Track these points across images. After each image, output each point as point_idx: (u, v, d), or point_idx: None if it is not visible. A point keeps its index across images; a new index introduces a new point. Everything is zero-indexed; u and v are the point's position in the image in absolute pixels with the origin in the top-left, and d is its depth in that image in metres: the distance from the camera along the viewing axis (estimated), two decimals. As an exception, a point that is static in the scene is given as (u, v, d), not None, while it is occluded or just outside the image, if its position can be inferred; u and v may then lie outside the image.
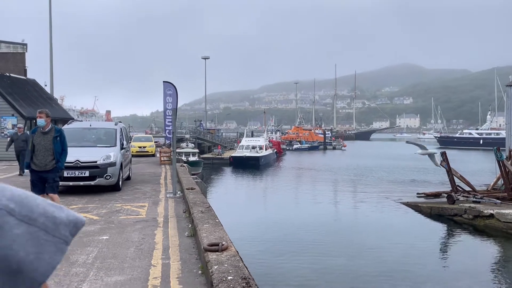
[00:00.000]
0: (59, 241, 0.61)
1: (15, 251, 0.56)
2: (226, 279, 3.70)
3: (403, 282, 10.70)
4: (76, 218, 0.65)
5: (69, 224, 0.63)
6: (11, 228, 0.57)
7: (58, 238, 0.61)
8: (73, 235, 0.64)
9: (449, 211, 17.80)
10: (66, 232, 0.63)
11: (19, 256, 0.57)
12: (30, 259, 0.58)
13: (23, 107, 22.60)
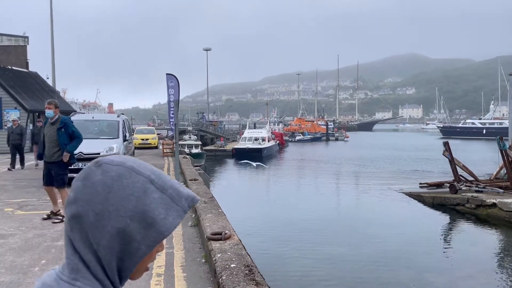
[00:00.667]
0: (180, 209, 0.82)
1: (152, 210, 0.79)
2: (229, 267, 3.74)
3: (406, 270, 10.75)
4: (194, 196, 0.86)
5: (188, 198, 0.84)
6: (151, 192, 0.80)
7: (180, 207, 0.82)
8: (190, 207, 0.85)
9: (451, 201, 17.79)
10: (185, 204, 0.83)
11: (153, 214, 0.79)
12: (160, 217, 0.79)
13: (26, 100, 22.65)
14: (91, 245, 0.78)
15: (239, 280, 3.44)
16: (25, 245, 5.30)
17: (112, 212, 0.78)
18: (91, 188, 0.80)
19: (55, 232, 5.96)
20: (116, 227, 0.78)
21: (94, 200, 0.79)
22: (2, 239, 5.62)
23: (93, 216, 0.78)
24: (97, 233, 0.78)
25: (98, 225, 0.78)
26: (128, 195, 0.79)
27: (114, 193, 0.79)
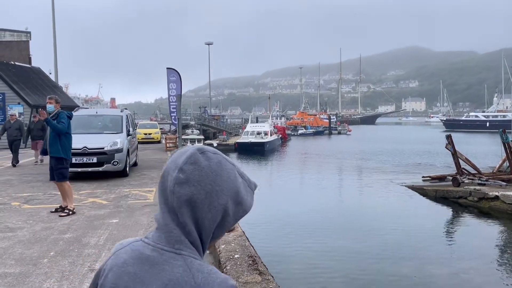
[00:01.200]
0: (251, 191, 1.05)
1: (241, 191, 1.00)
2: (233, 257, 3.83)
3: (408, 262, 10.83)
4: (255, 182, 1.10)
5: (253, 183, 1.08)
6: (238, 177, 1.01)
7: (251, 190, 1.06)
8: (254, 190, 1.08)
9: (454, 194, 17.81)
10: (254, 188, 1.07)
11: (242, 194, 1.00)
12: (245, 198, 1.01)
13: (29, 95, 22.77)
14: (197, 219, 0.95)
15: (243, 269, 3.53)
16: (33, 238, 5.41)
17: (219, 191, 0.97)
18: (201, 171, 0.96)
19: (62, 225, 6.08)
20: (221, 203, 0.97)
21: (205, 181, 0.96)
22: (11, 232, 5.73)
23: (204, 195, 0.95)
24: (205, 209, 0.95)
25: (207, 202, 0.95)
26: (228, 178, 0.99)
27: (219, 176, 0.98)
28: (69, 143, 6.94)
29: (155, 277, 0.93)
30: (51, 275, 4.12)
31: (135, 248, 0.98)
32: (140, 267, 0.96)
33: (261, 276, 3.37)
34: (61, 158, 6.78)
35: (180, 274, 0.92)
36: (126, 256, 0.98)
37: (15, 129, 13.83)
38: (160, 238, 0.96)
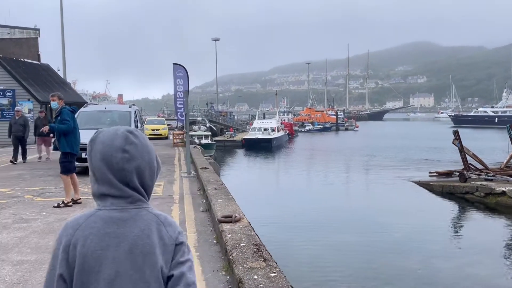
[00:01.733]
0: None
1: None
2: (239, 246, 3.99)
3: (414, 257, 10.91)
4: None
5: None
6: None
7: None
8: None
9: (460, 189, 17.82)
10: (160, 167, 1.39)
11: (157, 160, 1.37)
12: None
13: (39, 92, 23.08)
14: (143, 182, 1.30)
15: (248, 256, 3.68)
16: (47, 228, 5.62)
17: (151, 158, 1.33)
18: (137, 148, 1.31)
19: (74, 216, 6.29)
20: (154, 165, 1.33)
21: (143, 154, 1.31)
22: (25, 223, 5.95)
23: (145, 164, 1.31)
24: (147, 173, 1.31)
25: (148, 168, 1.31)
26: (151, 146, 1.35)
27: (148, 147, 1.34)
28: (75, 138, 7.10)
29: (132, 227, 1.25)
30: (65, 262, 4.31)
31: (103, 216, 1.26)
32: (116, 226, 1.25)
33: (265, 262, 3.52)
34: (67, 153, 6.98)
35: (148, 219, 1.28)
36: (99, 223, 1.25)
37: (20, 125, 13.59)
38: (120, 202, 1.28)
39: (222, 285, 3.71)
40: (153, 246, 1.26)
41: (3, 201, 7.51)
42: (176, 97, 21.18)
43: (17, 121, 13.60)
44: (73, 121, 7.11)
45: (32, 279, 3.91)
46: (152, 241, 1.26)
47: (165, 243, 1.28)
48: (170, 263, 1.29)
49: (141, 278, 1.24)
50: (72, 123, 7.05)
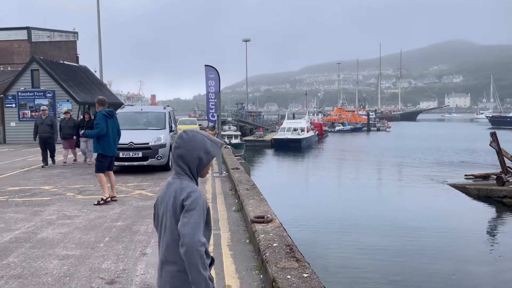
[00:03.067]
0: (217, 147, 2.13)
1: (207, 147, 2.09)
2: (271, 246, 4.10)
3: (447, 262, 10.71)
4: (221, 142, 2.18)
5: (219, 143, 2.14)
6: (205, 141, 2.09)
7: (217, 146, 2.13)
8: (221, 146, 2.18)
9: (497, 193, 17.30)
10: (219, 145, 2.14)
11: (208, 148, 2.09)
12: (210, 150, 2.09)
13: (77, 93, 23.98)
14: (187, 163, 2.05)
15: (281, 257, 3.78)
16: (89, 225, 5.91)
17: (192, 149, 2.05)
18: (183, 141, 2.07)
19: (114, 214, 6.57)
20: (195, 154, 2.05)
21: (185, 145, 2.06)
22: (69, 219, 6.28)
23: (186, 152, 2.05)
24: (188, 158, 2.05)
25: (188, 155, 2.05)
26: (197, 141, 2.06)
27: (192, 141, 2.06)
28: (108, 140, 7.46)
29: (171, 187, 2.05)
30: (107, 258, 4.55)
31: (168, 180, 2.12)
32: (166, 188, 2.08)
33: (298, 262, 3.61)
34: (98, 154, 7.52)
35: (178, 184, 2.04)
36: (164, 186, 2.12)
37: (47, 125, 12.53)
38: (174, 174, 2.09)
39: (256, 283, 3.82)
40: (175, 204, 1.99)
41: (47, 198, 7.93)
42: (208, 98, 21.56)
43: (44, 121, 12.61)
44: (105, 125, 7.43)
45: (78, 272, 4.15)
46: (175, 201, 2.00)
47: (179, 203, 1.98)
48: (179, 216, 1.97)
49: (172, 224, 1.99)
50: (104, 126, 7.39)
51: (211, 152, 2.07)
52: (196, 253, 1.85)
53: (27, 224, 6.04)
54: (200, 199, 1.97)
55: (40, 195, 8.21)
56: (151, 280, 3.92)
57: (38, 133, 12.56)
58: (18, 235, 5.47)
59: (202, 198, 1.99)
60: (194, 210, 1.93)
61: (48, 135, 12.48)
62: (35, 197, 8.04)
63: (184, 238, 1.86)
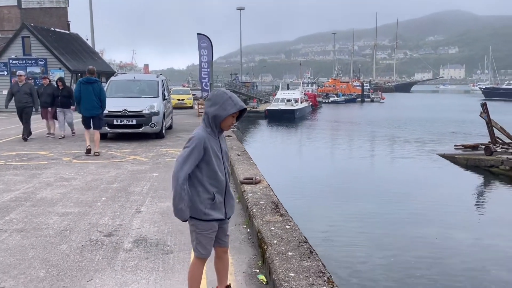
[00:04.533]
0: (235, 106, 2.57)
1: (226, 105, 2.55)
2: (258, 203, 4.38)
3: (433, 227, 11.06)
4: (241, 105, 2.60)
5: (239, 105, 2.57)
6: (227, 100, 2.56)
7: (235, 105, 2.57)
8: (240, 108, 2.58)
9: (485, 162, 17.69)
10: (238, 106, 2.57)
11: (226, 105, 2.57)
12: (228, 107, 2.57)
13: (69, 61, 23.78)
14: (206, 113, 2.58)
15: (267, 212, 4.07)
16: (86, 186, 6.17)
17: (214, 103, 2.54)
18: (212, 96, 2.60)
19: (110, 177, 6.82)
20: (215, 108, 2.54)
21: (212, 99, 2.58)
22: (66, 181, 6.52)
23: (209, 104, 2.57)
24: (209, 109, 2.56)
25: (210, 107, 2.56)
26: (220, 99, 2.55)
27: (217, 98, 2.56)
28: (83, 103, 9.01)
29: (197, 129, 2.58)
30: (105, 214, 4.83)
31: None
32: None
33: (281, 217, 3.89)
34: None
35: (200, 127, 2.59)
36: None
37: (25, 94, 11.06)
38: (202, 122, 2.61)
39: (243, 236, 4.12)
40: None
41: (43, 162, 8.15)
42: (201, 67, 21.50)
43: (21, 89, 11.11)
44: (79, 90, 8.97)
45: (77, 227, 4.42)
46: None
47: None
48: None
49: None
50: (76, 91, 9.10)
51: (227, 109, 2.51)
52: (173, 178, 2.44)
53: (26, 185, 6.29)
54: (196, 141, 2.49)
55: (37, 159, 8.43)
56: (146, 233, 4.21)
57: (15, 102, 11.23)
58: (18, 195, 5.73)
59: (199, 140, 2.49)
60: (187, 148, 2.48)
61: (24, 105, 11.11)
62: (32, 161, 8.26)
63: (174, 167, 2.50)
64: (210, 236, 2.58)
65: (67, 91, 11.91)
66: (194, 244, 2.61)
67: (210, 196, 2.51)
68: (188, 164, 2.42)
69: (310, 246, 3.19)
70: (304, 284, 2.56)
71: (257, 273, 3.27)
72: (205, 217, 2.51)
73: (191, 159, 2.43)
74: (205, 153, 2.49)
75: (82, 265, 3.46)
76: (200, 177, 2.51)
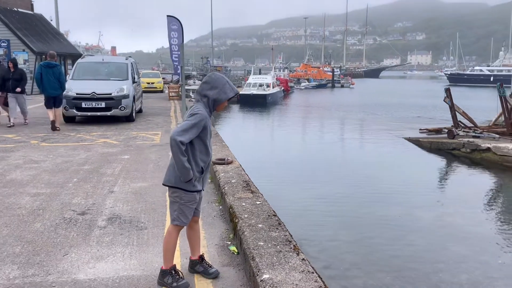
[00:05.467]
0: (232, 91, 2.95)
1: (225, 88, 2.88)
2: (230, 182, 4.54)
3: (396, 207, 11.51)
4: (237, 91, 2.92)
5: (235, 91, 2.93)
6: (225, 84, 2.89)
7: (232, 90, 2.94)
8: (236, 93, 2.91)
9: (448, 145, 18.37)
10: (234, 90, 2.92)
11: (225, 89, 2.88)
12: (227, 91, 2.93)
13: (34, 43, 22.95)
14: (207, 96, 2.83)
15: (238, 189, 4.24)
16: (56, 168, 6.15)
17: (213, 86, 2.81)
18: (209, 79, 2.88)
19: (80, 159, 6.81)
20: (216, 92, 2.82)
21: (210, 82, 2.85)
22: (36, 163, 6.47)
23: (209, 87, 2.84)
24: (210, 92, 2.82)
25: (211, 89, 2.82)
26: (219, 82, 2.83)
27: (215, 81, 2.83)
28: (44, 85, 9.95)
29: (190, 109, 2.81)
30: (77, 195, 4.87)
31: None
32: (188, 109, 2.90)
33: (252, 194, 4.08)
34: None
35: (193, 106, 2.83)
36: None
37: None
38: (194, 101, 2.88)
39: (215, 212, 4.29)
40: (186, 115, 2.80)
41: (11, 145, 8.01)
42: (171, 50, 21.21)
43: None
44: (39, 72, 9.88)
45: (50, 206, 4.46)
46: (186, 115, 2.80)
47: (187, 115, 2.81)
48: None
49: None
50: (37, 74, 10.05)
51: (227, 93, 2.80)
52: (173, 142, 2.64)
53: (-6, 168, 6.21)
54: (200, 117, 2.73)
55: (3, 142, 8.27)
56: (120, 212, 4.30)
57: None
58: (-14, 178, 5.66)
59: (202, 118, 2.75)
60: (189, 121, 2.71)
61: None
62: (-1, 144, 8.10)
63: (172, 132, 2.70)
64: (192, 206, 2.87)
65: (19, 73, 10.71)
66: (176, 214, 2.84)
67: (199, 170, 2.80)
68: (188, 134, 2.68)
69: (278, 219, 3.38)
70: (272, 252, 2.76)
71: (228, 245, 3.45)
72: (193, 188, 2.78)
73: (191, 132, 2.68)
74: (203, 131, 2.75)
75: (57, 241, 3.54)
76: (193, 151, 2.78)
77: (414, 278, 7.23)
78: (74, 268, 3.10)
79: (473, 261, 7.92)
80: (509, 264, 7.77)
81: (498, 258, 8.10)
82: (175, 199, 2.84)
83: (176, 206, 2.84)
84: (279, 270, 2.54)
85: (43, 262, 3.18)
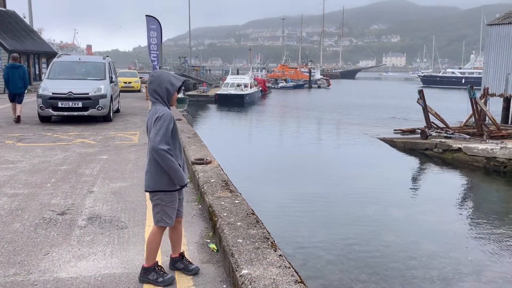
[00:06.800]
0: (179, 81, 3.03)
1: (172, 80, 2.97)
2: (209, 181, 4.64)
3: (370, 206, 11.83)
4: (182, 79, 3.08)
5: (181, 80, 3.03)
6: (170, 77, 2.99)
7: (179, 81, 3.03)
8: (183, 82, 3.06)
9: (421, 146, 18.92)
10: (180, 80, 3.04)
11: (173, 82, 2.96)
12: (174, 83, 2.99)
13: (6, 40, 22.36)
14: (158, 93, 2.91)
15: (217, 189, 4.34)
16: (34, 168, 6.10)
17: (160, 83, 2.91)
18: (153, 77, 2.97)
19: (58, 159, 6.76)
20: (164, 86, 2.91)
21: (155, 80, 2.94)
22: (12, 164, 6.40)
23: (156, 85, 2.92)
24: (158, 89, 2.92)
25: (158, 87, 2.91)
26: (163, 77, 2.93)
27: (159, 78, 2.93)
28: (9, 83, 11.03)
29: (151, 112, 2.88)
30: (56, 195, 4.87)
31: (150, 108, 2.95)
32: (149, 112, 2.91)
33: (231, 193, 4.19)
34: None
35: (154, 109, 2.88)
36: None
37: None
38: (152, 104, 2.93)
39: (194, 211, 4.38)
40: (151, 122, 2.82)
41: (-16, 145, 7.86)
42: (150, 50, 21.07)
43: None
44: (6, 73, 10.92)
45: (29, 207, 4.46)
46: (152, 119, 2.82)
47: (153, 121, 2.80)
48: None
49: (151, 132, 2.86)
50: (4, 75, 11.00)
51: (175, 84, 2.90)
52: (159, 150, 2.75)
53: (-33, 169, 6.10)
54: (168, 116, 2.82)
55: (-24, 143, 8.11)
56: (99, 211, 4.34)
57: None
58: (-39, 178, 5.57)
59: (169, 116, 2.83)
60: (160, 125, 2.79)
61: None
62: (-28, 145, 7.93)
63: (150, 141, 2.80)
64: (174, 206, 2.94)
65: None
66: (159, 215, 2.91)
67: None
68: (166, 138, 2.77)
69: (256, 217, 3.51)
70: (250, 248, 2.88)
71: (208, 243, 3.56)
72: (173, 187, 2.85)
73: (167, 135, 2.78)
74: (173, 129, 2.85)
75: (38, 241, 3.56)
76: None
77: (388, 275, 7.49)
78: (55, 267, 3.15)
79: (444, 257, 8.25)
80: (477, 260, 8.13)
81: (467, 254, 8.46)
82: (156, 202, 2.91)
83: (159, 208, 2.91)
84: (257, 266, 2.66)
85: (24, 261, 3.21)
